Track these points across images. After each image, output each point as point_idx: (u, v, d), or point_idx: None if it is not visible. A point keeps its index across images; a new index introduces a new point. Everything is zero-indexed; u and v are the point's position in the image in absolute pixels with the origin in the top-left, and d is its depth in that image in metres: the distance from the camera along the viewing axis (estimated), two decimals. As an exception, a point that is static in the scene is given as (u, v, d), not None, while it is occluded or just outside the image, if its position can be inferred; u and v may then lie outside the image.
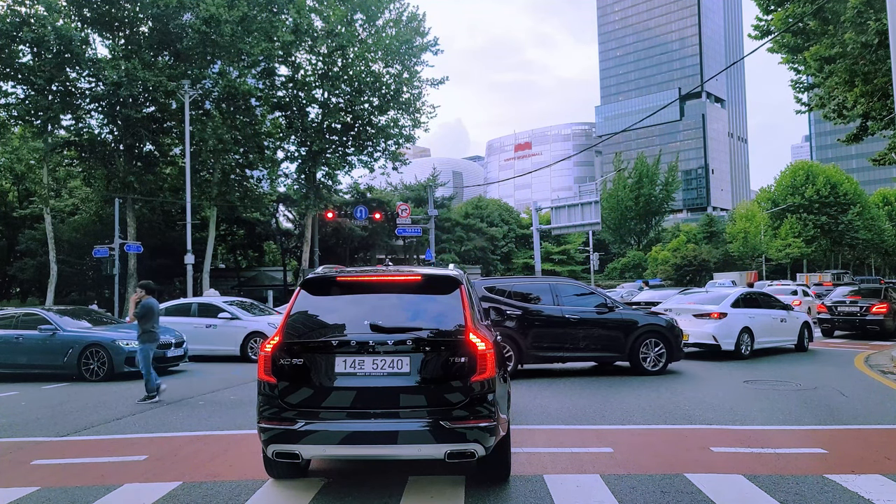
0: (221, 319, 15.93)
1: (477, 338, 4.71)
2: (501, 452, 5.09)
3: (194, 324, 16.07)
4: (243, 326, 15.68)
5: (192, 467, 5.99)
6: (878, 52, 16.01)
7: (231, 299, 18.10)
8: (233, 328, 15.70)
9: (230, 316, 15.95)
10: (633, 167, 75.69)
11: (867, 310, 18.57)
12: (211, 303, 16.86)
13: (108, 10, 28.86)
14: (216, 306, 16.41)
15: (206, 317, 16.24)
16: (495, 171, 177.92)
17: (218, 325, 15.92)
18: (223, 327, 15.84)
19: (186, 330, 15.86)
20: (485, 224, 62.62)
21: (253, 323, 15.83)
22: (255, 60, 31.06)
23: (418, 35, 35.90)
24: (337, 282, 5.20)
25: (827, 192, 72.14)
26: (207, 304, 16.75)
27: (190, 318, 16.33)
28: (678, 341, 11.90)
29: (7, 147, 29.84)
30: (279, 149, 36.19)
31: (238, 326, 15.68)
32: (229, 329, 15.72)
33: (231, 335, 15.64)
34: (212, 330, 15.93)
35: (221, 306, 16.34)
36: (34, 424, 8.28)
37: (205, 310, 16.47)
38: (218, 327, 15.89)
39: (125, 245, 29.12)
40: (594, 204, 33.60)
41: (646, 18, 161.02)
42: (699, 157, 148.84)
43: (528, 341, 11.51)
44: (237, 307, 16.59)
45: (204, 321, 16.12)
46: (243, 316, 16.08)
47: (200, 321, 16.16)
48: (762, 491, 4.96)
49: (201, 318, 16.24)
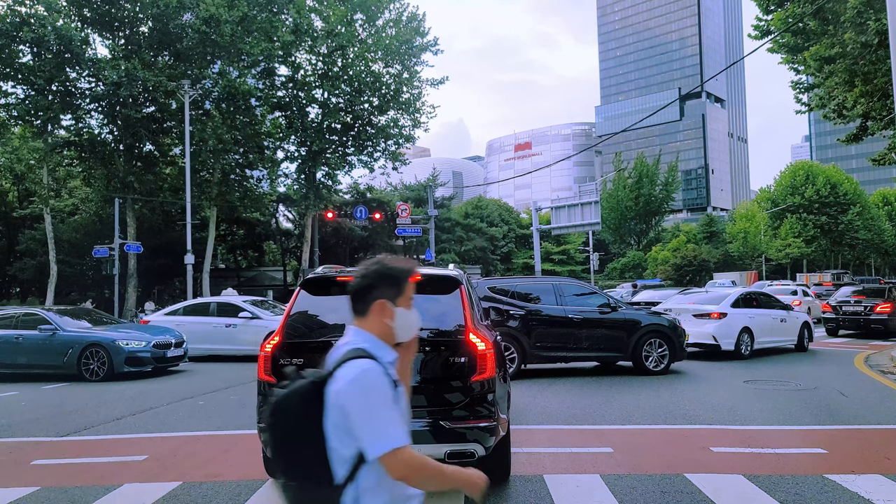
0: (242, 319, 15.68)
1: (477, 338, 4.71)
2: (502, 452, 5.09)
3: (213, 323, 15.91)
4: (265, 326, 15.20)
5: (192, 467, 5.98)
6: (878, 52, 16.00)
7: (250, 298, 17.97)
8: (253, 327, 15.29)
9: (251, 315, 15.68)
10: (633, 167, 75.61)
11: (871, 309, 18.70)
12: (230, 302, 16.64)
13: (108, 10, 28.85)
14: (236, 306, 16.21)
15: (225, 316, 16.00)
16: (495, 171, 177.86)
17: (238, 324, 15.67)
18: (244, 326, 15.56)
19: (205, 330, 15.77)
20: (485, 224, 62.60)
21: (274, 322, 15.55)
22: (255, 60, 31.06)
23: (418, 35, 35.89)
24: (337, 282, 5.20)
25: (827, 192, 72.10)
26: (227, 304, 16.52)
27: (209, 317, 16.15)
28: (681, 341, 11.91)
29: (7, 147, 29.80)
30: (279, 149, 36.19)
31: (259, 326, 15.21)
32: (250, 328, 15.36)
33: (252, 334, 15.22)
34: (232, 329, 15.70)
35: (242, 305, 16.13)
36: (34, 424, 8.28)
37: (224, 309, 16.25)
38: (238, 326, 15.64)
39: (125, 245, 29.10)
40: (594, 204, 33.59)
41: (646, 18, 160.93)
42: (699, 157, 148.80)
43: (532, 341, 11.51)
44: (257, 306, 16.41)
45: (224, 321, 15.90)
46: (264, 315, 15.76)
47: (220, 321, 15.95)
48: (762, 491, 4.96)
49: (221, 318, 16.01)
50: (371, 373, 1.76)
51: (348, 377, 1.75)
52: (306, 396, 1.80)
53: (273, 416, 1.83)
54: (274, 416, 1.83)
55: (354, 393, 1.73)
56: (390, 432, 1.72)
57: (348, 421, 1.73)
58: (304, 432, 1.79)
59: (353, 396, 1.73)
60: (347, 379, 1.74)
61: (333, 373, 1.79)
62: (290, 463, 1.83)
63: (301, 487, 1.83)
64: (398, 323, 1.94)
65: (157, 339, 13.20)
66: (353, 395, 1.73)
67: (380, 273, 1.94)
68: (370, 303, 1.91)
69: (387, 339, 1.94)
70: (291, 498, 1.85)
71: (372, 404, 1.73)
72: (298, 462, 1.82)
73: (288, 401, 1.81)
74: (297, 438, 1.81)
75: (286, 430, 1.82)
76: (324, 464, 1.78)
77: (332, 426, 1.77)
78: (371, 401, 1.73)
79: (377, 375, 1.77)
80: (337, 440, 1.76)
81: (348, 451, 1.76)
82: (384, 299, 1.91)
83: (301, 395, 1.80)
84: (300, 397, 1.80)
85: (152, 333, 13.49)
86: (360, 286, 1.94)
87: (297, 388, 1.82)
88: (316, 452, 1.78)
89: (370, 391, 1.74)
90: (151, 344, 12.97)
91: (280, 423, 1.83)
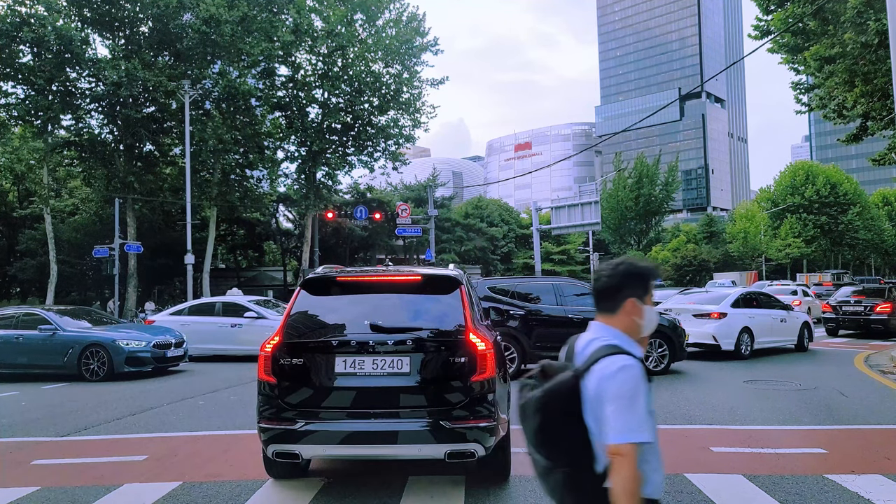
0: (247, 319, 15.55)
1: (477, 338, 4.71)
2: (502, 452, 5.09)
3: (219, 323, 15.80)
4: (270, 325, 14.94)
5: (192, 467, 5.98)
6: (878, 52, 16.00)
7: (255, 298, 17.88)
8: (259, 327, 15.05)
9: (256, 315, 15.56)
10: (633, 167, 75.48)
11: (871, 309, 18.73)
12: (236, 302, 16.55)
13: (108, 10, 28.84)
14: (241, 305, 16.11)
15: (230, 316, 15.89)
16: (495, 171, 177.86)
17: (244, 324, 15.55)
18: (249, 326, 15.40)
19: (210, 330, 15.67)
20: (485, 224, 62.59)
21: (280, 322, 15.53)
22: (255, 60, 31.04)
23: (418, 35, 35.88)
24: (337, 282, 5.20)
25: (827, 193, 72.10)
26: (232, 304, 16.41)
27: (214, 317, 16.04)
28: (681, 341, 11.91)
29: (7, 147, 29.78)
30: (279, 149, 36.16)
31: (265, 325, 14.98)
32: (256, 328, 15.12)
33: (258, 334, 14.88)
34: (237, 329, 15.59)
35: (247, 305, 16.02)
36: (34, 424, 8.28)
37: (229, 309, 16.14)
38: (244, 326, 15.51)
39: (125, 245, 29.08)
40: (594, 204, 33.56)
41: (646, 18, 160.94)
42: (699, 158, 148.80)
43: (532, 341, 11.50)
44: (262, 306, 16.32)
45: (229, 320, 15.79)
46: (269, 315, 15.62)
47: (225, 321, 15.84)
48: (762, 491, 4.96)
49: (226, 318, 15.90)
50: (632, 368, 1.90)
51: (610, 371, 1.90)
52: (571, 389, 1.96)
53: (540, 407, 1.99)
54: (541, 407, 1.99)
55: (615, 386, 1.87)
56: (637, 426, 1.85)
57: (604, 410, 1.88)
58: (569, 422, 1.96)
59: (613, 389, 1.87)
60: (609, 372, 1.89)
61: (591, 367, 1.94)
62: (558, 450, 1.99)
63: (570, 473, 1.99)
64: (645, 320, 2.08)
65: (157, 339, 13.20)
66: (614, 387, 1.87)
67: (629, 272, 2.09)
68: (621, 301, 2.07)
69: (633, 335, 2.08)
70: (561, 481, 2.01)
71: (630, 397, 1.86)
72: (566, 449, 1.99)
73: (555, 394, 1.98)
74: (564, 427, 1.97)
75: (553, 421, 1.98)
76: (588, 451, 1.95)
77: (594, 417, 1.93)
78: (629, 394, 1.87)
79: (637, 370, 1.91)
80: (599, 430, 1.92)
81: None
82: (634, 298, 2.06)
83: (568, 389, 1.97)
84: (567, 390, 1.96)
85: (152, 333, 13.49)
86: (609, 285, 2.10)
87: (562, 381, 1.98)
88: (582, 440, 1.96)
89: (629, 385, 1.88)
90: (151, 344, 12.96)
91: (548, 413, 1.98)
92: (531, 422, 2.02)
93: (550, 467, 2.02)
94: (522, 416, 2.08)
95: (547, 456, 2.01)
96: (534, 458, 2.11)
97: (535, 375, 2.14)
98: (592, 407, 1.92)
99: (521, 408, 2.10)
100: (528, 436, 2.06)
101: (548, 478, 2.05)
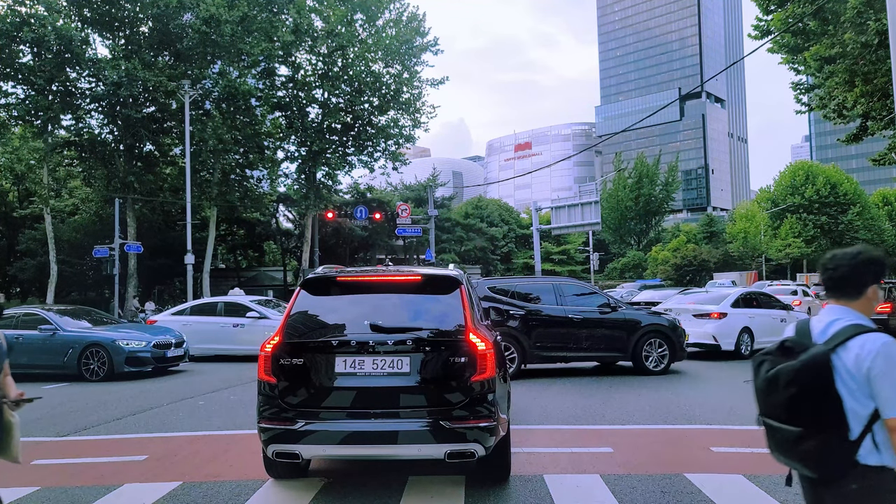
0: (249, 319, 15.52)
1: (477, 338, 4.71)
2: (501, 452, 5.09)
3: (221, 323, 15.78)
4: (272, 325, 14.84)
5: (192, 467, 5.98)
6: (878, 52, 16.01)
7: (257, 298, 17.86)
8: (261, 327, 14.99)
9: (258, 315, 15.52)
10: (633, 167, 75.61)
11: None
12: (238, 302, 16.53)
13: (108, 10, 28.86)
14: (243, 305, 16.09)
15: (232, 316, 15.86)
16: (495, 171, 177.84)
17: (246, 324, 15.52)
18: (251, 326, 15.36)
19: (212, 329, 15.64)
20: (485, 224, 62.61)
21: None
22: (255, 60, 31.06)
23: (418, 35, 35.88)
24: (337, 282, 5.20)
25: (827, 192, 72.05)
26: (234, 304, 16.40)
27: (216, 317, 16.01)
28: (681, 341, 11.90)
29: (7, 147, 29.81)
30: (279, 149, 36.19)
31: (267, 325, 14.92)
32: (258, 328, 15.06)
33: (260, 334, 14.86)
34: (240, 329, 15.56)
35: (249, 305, 16.01)
36: (34, 424, 8.27)
37: (232, 309, 16.12)
38: (246, 326, 15.49)
39: (125, 245, 29.09)
40: (594, 204, 33.58)
41: (646, 18, 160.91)
42: (699, 157, 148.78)
43: (532, 341, 11.50)
44: (264, 306, 16.29)
45: (231, 321, 15.76)
46: (271, 315, 15.56)
47: (227, 321, 15.81)
48: (762, 491, 4.96)
49: (228, 318, 15.87)
50: (893, 343, 2.12)
51: (873, 347, 2.11)
52: (825, 363, 2.16)
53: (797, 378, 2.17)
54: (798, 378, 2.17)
55: (882, 360, 2.08)
56: None
57: (871, 384, 2.09)
58: (824, 392, 2.14)
59: (882, 363, 2.08)
60: (873, 348, 2.11)
61: (844, 343, 2.16)
62: (814, 418, 2.16)
63: (825, 439, 2.15)
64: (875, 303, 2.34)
65: (157, 339, 13.20)
66: (882, 361, 2.08)
67: (871, 261, 2.30)
68: (864, 288, 2.29)
69: (868, 314, 2.32)
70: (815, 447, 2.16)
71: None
72: (821, 417, 2.15)
73: (811, 366, 2.16)
74: (819, 397, 2.15)
75: (810, 390, 2.16)
76: (842, 418, 2.13)
77: (848, 389, 2.13)
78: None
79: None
80: (854, 401, 2.12)
81: (865, 410, 2.12)
82: (874, 284, 2.29)
83: (823, 362, 2.16)
84: (823, 363, 2.16)
85: (152, 333, 13.49)
86: (852, 274, 2.30)
87: (816, 355, 2.18)
88: (835, 408, 2.14)
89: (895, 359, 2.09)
90: (151, 344, 12.97)
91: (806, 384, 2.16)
92: (783, 393, 2.19)
93: (803, 435, 2.17)
94: (770, 388, 2.25)
95: (802, 424, 2.16)
96: (776, 428, 2.26)
97: (773, 352, 2.32)
98: (848, 378, 2.12)
99: (767, 381, 2.25)
100: (773, 407, 2.25)
101: (796, 447, 2.19)
